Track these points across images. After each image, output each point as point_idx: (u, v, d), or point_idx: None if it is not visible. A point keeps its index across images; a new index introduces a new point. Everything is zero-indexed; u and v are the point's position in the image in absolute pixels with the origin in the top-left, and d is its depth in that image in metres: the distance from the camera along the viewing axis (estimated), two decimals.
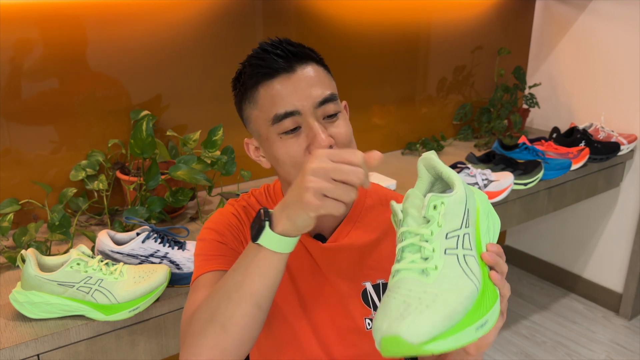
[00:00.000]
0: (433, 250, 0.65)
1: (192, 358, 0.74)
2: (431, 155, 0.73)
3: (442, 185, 0.76)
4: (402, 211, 0.69)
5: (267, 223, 0.72)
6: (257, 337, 0.76)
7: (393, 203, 0.71)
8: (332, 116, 0.86)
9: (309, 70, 0.86)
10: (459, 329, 0.61)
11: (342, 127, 0.87)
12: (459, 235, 0.67)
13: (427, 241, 0.66)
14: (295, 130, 0.85)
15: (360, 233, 0.96)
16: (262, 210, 0.74)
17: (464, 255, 0.66)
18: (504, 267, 0.71)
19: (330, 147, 0.84)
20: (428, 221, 0.67)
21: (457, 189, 0.69)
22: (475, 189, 0.76)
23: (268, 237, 0.72)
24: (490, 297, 0.66)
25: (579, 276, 2.75)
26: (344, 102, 0.97)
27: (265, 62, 0.85)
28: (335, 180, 0.67)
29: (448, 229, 0.67)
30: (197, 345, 0.73)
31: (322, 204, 0.67)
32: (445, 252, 0.66)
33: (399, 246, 0.68)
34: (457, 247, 0.66)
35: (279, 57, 0.85)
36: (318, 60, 0.89)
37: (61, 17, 1.50)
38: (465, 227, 0.68)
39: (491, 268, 0.70)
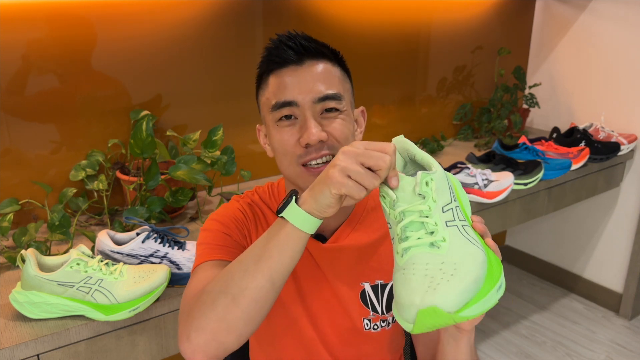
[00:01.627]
0: (436, 224, 0.68)
1: (194, 332, 0.72)
2: (404, 139, 0.76)
3: (414, 167, 0.78)
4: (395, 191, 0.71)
5: (293, 198, 0.74)
6: (263, 319, 0.75)
7: (382, 186, 0.72)
8: (330, 112, 0.87)
9: (319, 67, 0.88)
10: (484, 292, 0.63)
11: (340, 126, 0.87)
12: (452, 208, 0.70)
13: (427, 216, 0.68)
14: (289, 118, 0.87)
15: (361, 234, 0.96)
16: (292, 191, 0.76)
17: (462, 226, 0.70)
18: (490, 236, 0.74)
19: (321, 142, 0.85)
20: (423, 197, 0.69)
21: (436, 166, 0.72)
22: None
23: (292, 210, 0.73)
24: (496, 262, 0.69)
25: (579, 276, 2.75)
26: (361, 108, 0.98)
27: (277, 51, 0.88)
28: (363, 165, 0.69)
29: (442, 203, 0.69)
30: (202, 317, 0.72)
31: (345, 182, 0.69)
32: (446, 225, 0.68)
33: (399, 226, 0.70)
34: (454, 219, 0.69)
35: (290, 49, 0.87)
36: (333, 60, 0.91)
37: (61, 18, 1.50)
38: (454, 200, 0.71)
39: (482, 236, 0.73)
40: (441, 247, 0.67)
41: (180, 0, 1.67)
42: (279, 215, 0.75)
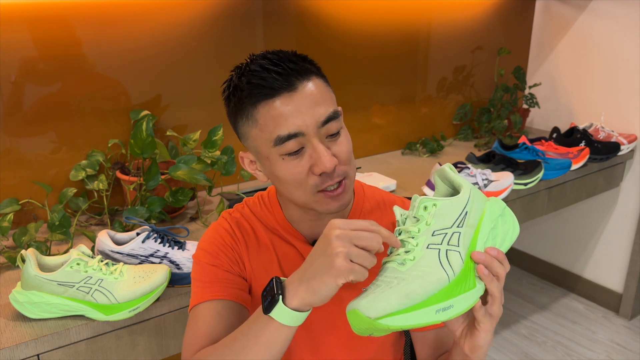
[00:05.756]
0: (416, 245, 0.70)
1: None
2: (444, 167, 0.78)
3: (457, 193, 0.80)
4: (402, 215, 0.75)
5: (280, 297, 0.72)
6: None
7: (395, 207, 0.76)
8: (334, 134, 0.84)
9: (311, 87, 0.82)
10: (416, 308, 0.66)
11: (344, 144, 0.85)
12: (446, 233, 0.71)
13: (413, 237, 0.71)
14: (298, 151, 0.82)
15: None
16: (274, 281, 0.74)
17: (446, 250, 0.70)
18: (500, 270, 0.71)
19: (334, 167, 0.83)
20: (418, 220, 0.72)
21: (462, 193, 0.74)
22: (494, 198, 0.79)
23: (281, 312, 0.72)
24: (460, 287, 0.69)
25: (579, 276, 2.75)
26: (339, 108, 0.96)
27: (265, 81, 0.80)
28: (358, 247, 0.69)
29: (437, 227, 0.71)
30: None
31: (352, 267, 0.68)
32: (427, 247, 0.70)
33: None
34: (441, 243, 0.70)
35: (279, 75, 0.80)
36: (316, 72, 0.86)
37: (61, 18, 1.50)
38: (458, 226, 0.72)
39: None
40: (406, 264, 0.69)
41: (180, 0, 1.67)
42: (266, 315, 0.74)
